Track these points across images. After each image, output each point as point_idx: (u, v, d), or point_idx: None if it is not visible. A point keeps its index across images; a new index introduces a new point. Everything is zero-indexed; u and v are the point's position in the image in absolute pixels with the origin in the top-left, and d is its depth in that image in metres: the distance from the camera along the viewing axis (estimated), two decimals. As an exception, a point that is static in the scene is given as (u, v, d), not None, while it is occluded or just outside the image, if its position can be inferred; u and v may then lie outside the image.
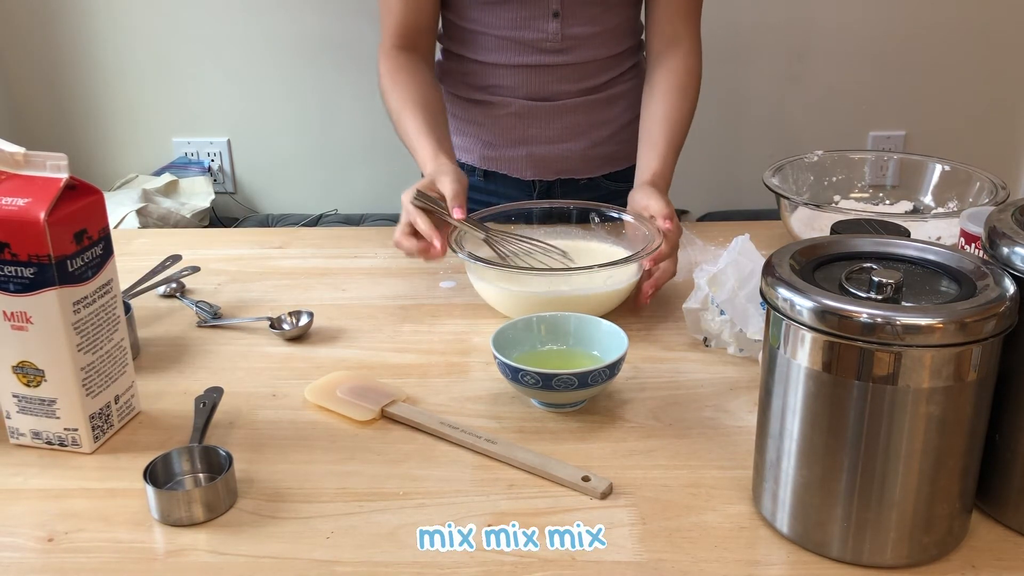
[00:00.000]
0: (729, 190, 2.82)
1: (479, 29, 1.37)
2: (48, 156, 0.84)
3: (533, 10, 1.33)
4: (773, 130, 2.79)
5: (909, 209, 1.40)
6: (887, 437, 0.70)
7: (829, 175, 1.44)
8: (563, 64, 1.37)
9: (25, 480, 0.87)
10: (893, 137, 2.79)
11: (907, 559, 0.74)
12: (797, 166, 1.42)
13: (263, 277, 1.30)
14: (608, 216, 1.26)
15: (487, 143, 1.45)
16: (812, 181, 1.43)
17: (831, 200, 1.42)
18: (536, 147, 1.42)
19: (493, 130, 1.43)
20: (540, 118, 1.41)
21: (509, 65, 1.38)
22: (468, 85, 1.42)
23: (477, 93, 1.42)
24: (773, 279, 0.73)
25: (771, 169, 1.37)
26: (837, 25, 2.69)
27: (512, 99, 1.40)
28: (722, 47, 2.62)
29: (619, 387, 1.00)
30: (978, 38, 2.69)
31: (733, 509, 0.81)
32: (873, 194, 1.44)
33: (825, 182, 1.44)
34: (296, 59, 2.76)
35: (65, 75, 2.81)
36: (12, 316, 0.85)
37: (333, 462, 0.89)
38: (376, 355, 1.09)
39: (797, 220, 1.31)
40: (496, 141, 1.44)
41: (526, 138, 1.43)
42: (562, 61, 1.37)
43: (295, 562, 0.76)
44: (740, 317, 1.02)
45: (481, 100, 1.42)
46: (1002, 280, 0.71)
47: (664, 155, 1.29)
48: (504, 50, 1.37)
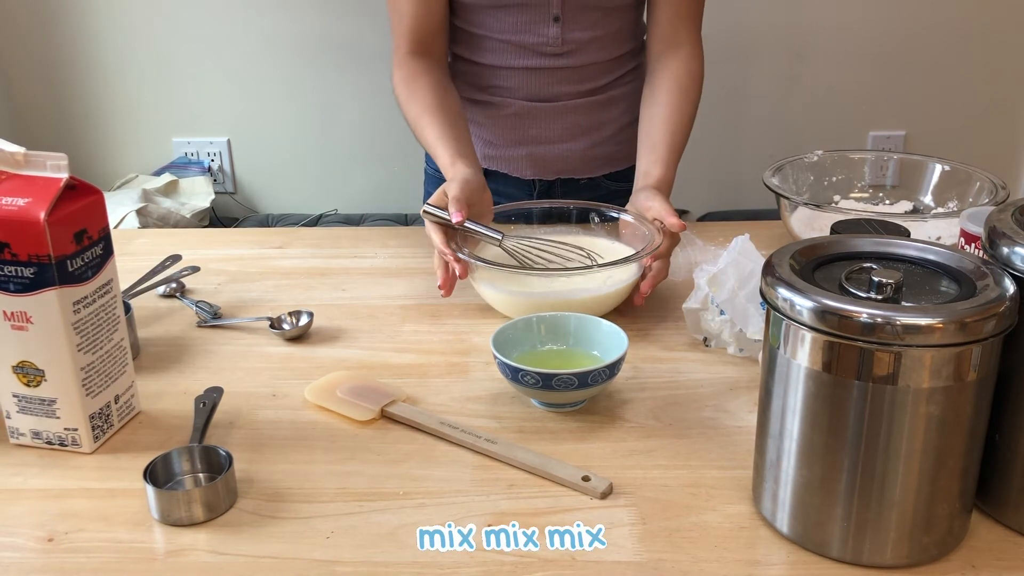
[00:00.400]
0: (729, 190, 2.82)
1: (481, 32, 1.37)
2: (48, 156, 0.84)
3: (534, 15, 1.33)
4: (773, 130, 2.79)
5: (909, 209, 1.40)
6: (887, 437, 0.70)
7: (829, 175, 1.44)
8: (563, 67, 1.37)
9: (25, 480, 0.87)
10: (893, 137, 2.79)
11: (907, 559, 0.74)
12: (797, 166, 1.42)
13: (263, 277, 1.30)
14: (608, 216, 1.26)
15: (488, 142, 1.45)
16: (812, 181, 1.43)
17: (831, 200, 1.42)
18: (536, 147, 1.42)
19: (494, 130, 1.44)
20: (540, 119, 1.41)
21: (510, 68, 1.38)
22: (470, 85, 1.43)
23: (478, 94, 1.42)
24: (773, 279, 0.73)
25: (771, 169, 1.37)
26: (837, 25, 2.69)
27: (512, 100, 1.40)
28: (722, 47, 2.62)
29: (619, 387, 1.00)
30: (978, 38, 2.69)
31: (733, 509, 0.81)
32: (873, 194, 1.44)
33: (825, 182, 1.44)
34: (296, 59, 2.76)
35: (65, 75, 2.81)
36: (12, 316, 0.85)
37: (333, 462, 0.89)
38: (376, 355, 1.09)
39: (797, 220, 1.31)
40: (497, 140, 1.44)
41: (526, 138, 1.43)
42: (562, 64, 1.37)
43: (295, 562, 0.76)
44: (740, 317, 1.02)
45: (482, 100, 1.42)
46: (1002, 280, 0.71)
47: (666, 160, 1.29)
48: (505, 53, 1.37)
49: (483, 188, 1.22)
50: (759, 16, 2.67)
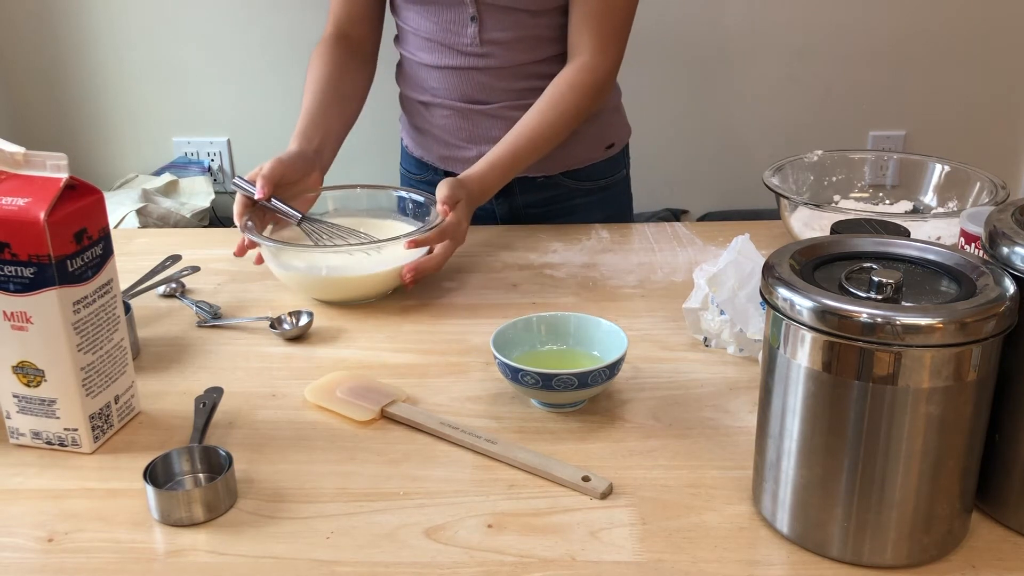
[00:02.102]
0: (729, 190, 2.82)
1: (410, 29, 1.41)
2: (48, 156, 0.84)
3: (453, 14, 1.35)
4: (773, 130, 2.79)
5: (909, 209, 1.40)
6: (887, 437, 0.70)
7: (829, 175, 1.44)
8: (486, 67, 1.38)
9: (25, 480, 0.87)
10: (893, 137, 2.79)
11: (907, 559, 0.74)
12: (797, 166, 1.42)
13: (263, 277, 1.29)
14: (417, 201, 1.31)
15: (442, 142, 1.47)
16: (812, 181, 1.43)
17: (831, 200, 1.42)
18: (485, 147, 1.39)
19: (443, 132, 1.45)
20: (480, 121, 1.42)
21: (438, 67, 1.40)
22: (415, 86, 1.46)
23: (423, 94, 1.45)
24: (773, 279, 0.73)
25: (771, 169, 1.37)
26: (837, 25, 2.69)
27: (449, 101, 1.42)
28: (722, 47, 2.62)
29: (619, 387, 1.00)
30: (978, 38, 2.69)
31: (733, 509, 0.81)
32: (873, 194, 1.44)
33: (825, 182, 1.44)
34: (296, 59, 2.75)
35: (65, 75, 2.81)
36: (12, 316, 0.85)
37: (333, 462, 0.89)
38: (376, 355, 1.09)
39: (797, 220, 1.31)
40: (449, 141, 1.46)
41: (473, 138, 1.43)
42: (485, 64, 1.38)
43: (295, 562, 0.76)
44: (740, 317, 1.02)
45: (426, 102, 1.45)
46: (1002, 280, 0.71)
47: (493, 161, 1.29)
48: (432, 51, 1.40)
49: (309, 168, 1.29)
50: (759, 16, 2.67)
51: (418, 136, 1.50)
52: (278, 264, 1.21)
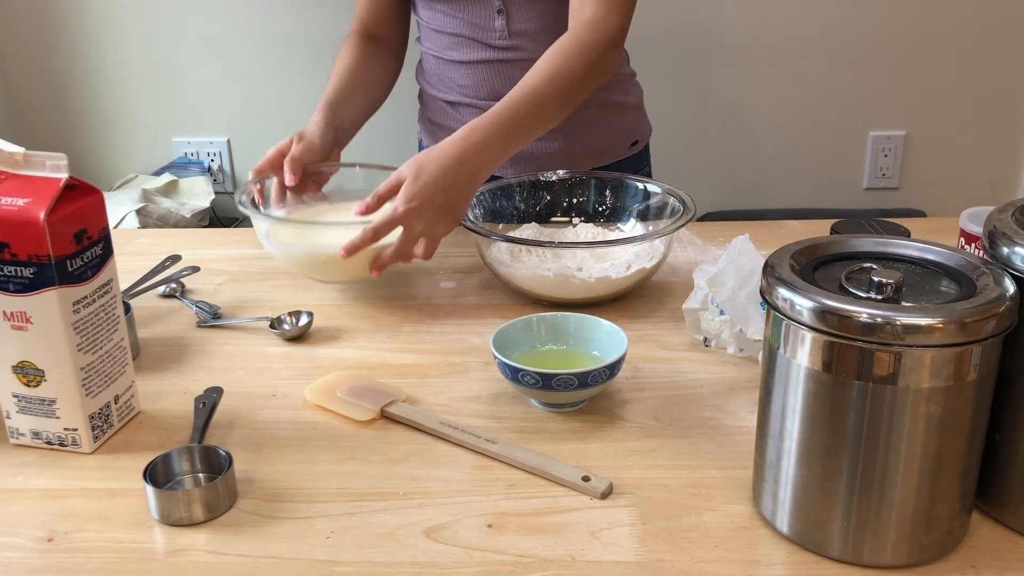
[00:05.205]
0: (729, 190, 2.82)
1: (435, 27, 1.41)
2: (48, 156, 0.84)
3: (479, 8, 1.36)
4: (773, 130, 2.79)
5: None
6: (887, 437, 0.70)
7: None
8: (515, 60, 1.38)
9: (25, 480, 0.87)
10: (893, 137, 2.78)
11: (907, 559, 0.74)
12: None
13: (263, 277, 1.30)
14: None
15: None
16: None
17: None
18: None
19: None
20: None
21: (466, 62, 1.41)
22: (442, 85, 1.46)
23: (449, 93, 1.45)
24: (773, 279, 0.73)
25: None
26: (837, 25, 2.68)
27: (478, 100, 1.42)
28: (722, 47, 2.62)
29: (619, 387, 1.00)
30: (978, 38, 2.69)
31: (733, 509, 0.81)
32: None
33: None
34: (296, 59, 2.76)
35: (65, 75, 2.80)
36: (12, 316, 0.85)
37: (333, 462, 0.89)
38: (376, 355, 1.09)
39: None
40: None
41: None
42: (514, 57, 1.38)
43: (295, 562, 0.76)
44: (740, 317, 1.02)
45: (453, 101, 1.45)
46: (1002, 280, 0.71)
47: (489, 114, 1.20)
48: (460, 48, 1.40)
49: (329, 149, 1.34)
50: (759, 16, 2.67)
51: (442, 135, 1.48)
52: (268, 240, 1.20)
